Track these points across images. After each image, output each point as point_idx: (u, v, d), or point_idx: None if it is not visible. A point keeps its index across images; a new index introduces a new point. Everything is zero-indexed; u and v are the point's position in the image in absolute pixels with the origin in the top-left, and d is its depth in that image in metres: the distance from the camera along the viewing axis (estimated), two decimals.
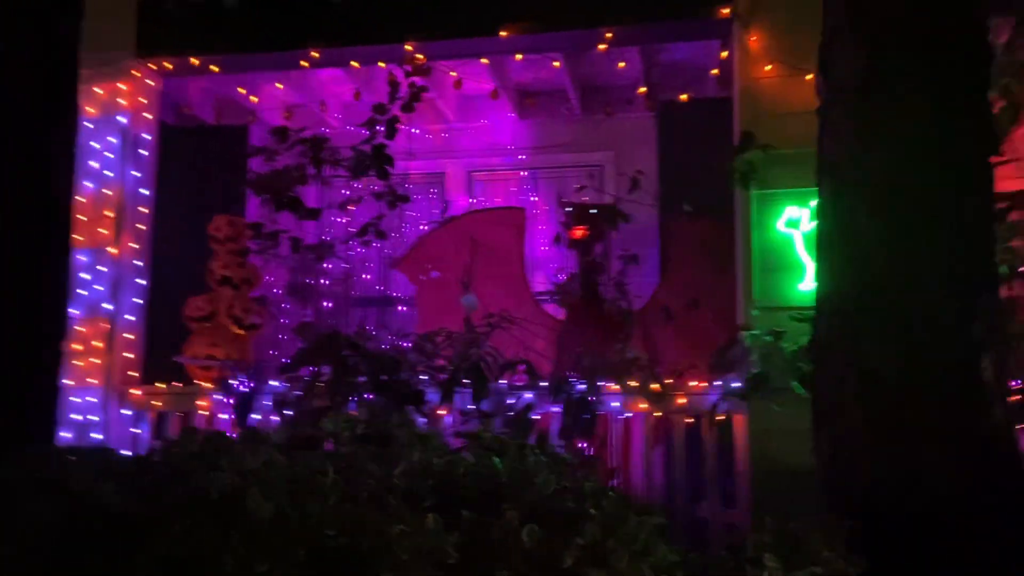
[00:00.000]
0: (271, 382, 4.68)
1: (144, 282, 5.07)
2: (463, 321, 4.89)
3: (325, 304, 6.24)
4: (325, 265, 5.93)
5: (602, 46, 4.58)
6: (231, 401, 4.69)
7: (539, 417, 3.93)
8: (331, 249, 5.00)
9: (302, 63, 4.85)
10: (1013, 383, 3.17)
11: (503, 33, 4.57)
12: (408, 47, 4.74)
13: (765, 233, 4.29)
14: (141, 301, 5.06)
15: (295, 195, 4.50)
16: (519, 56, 4.70)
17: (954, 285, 2.31)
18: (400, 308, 6.17)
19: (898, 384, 2.33)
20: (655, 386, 4.19)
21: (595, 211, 5.14)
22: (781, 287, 4.22)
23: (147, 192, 5.15)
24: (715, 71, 5.56)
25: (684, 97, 5.50)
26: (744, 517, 4.06)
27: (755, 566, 1.76)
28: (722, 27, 4.49)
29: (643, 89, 5.78)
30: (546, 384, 4.18)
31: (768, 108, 4.36)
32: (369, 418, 2.18)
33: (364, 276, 5.96)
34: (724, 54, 4.50)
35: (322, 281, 6.20)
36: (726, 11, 4.41)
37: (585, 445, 4.16)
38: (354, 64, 4.88)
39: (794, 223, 4.25)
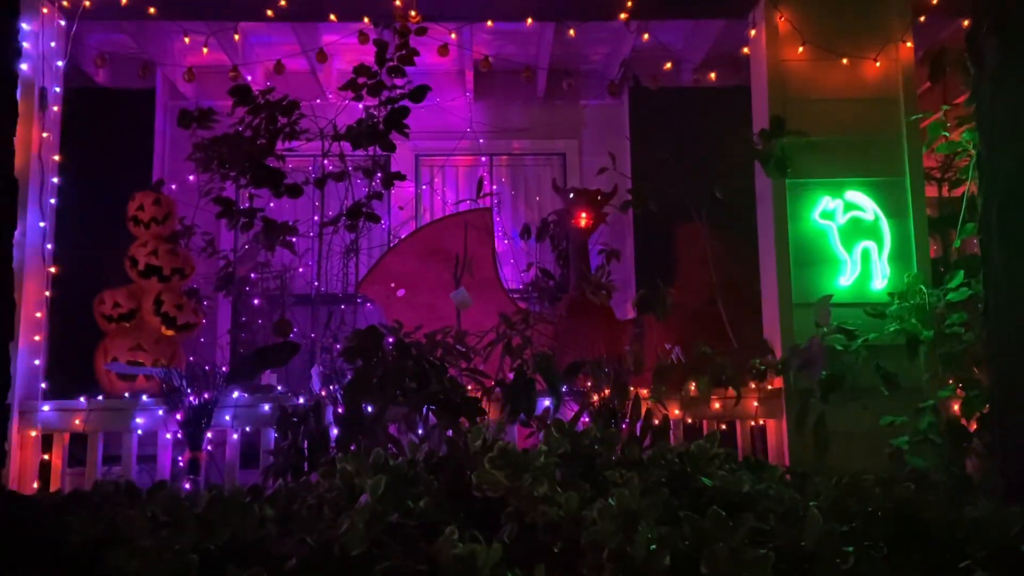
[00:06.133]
0: (236, 392, 3.88)
1: (54, 270, 4.05)
2: (455, 320, 4.31)
3: (255, 301, 5.37)
4: (262, 257, 5.10)
5: (623, 15, 4.15)
6: (179, 417, 3.82)
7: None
8: (294, 231, 4.22)
9: (267, 12, 4.04)
10: None
11: None
12: (398, 2, 4.09)
13: (800, 225, 4.04)
14: (48, 294, 4.03)
15: (274, 168, 3.69)
16: (530, 20, 4.16)
17: None
18: (342, 307, 5.39)
19: None
20: (693, 390, 3.81)
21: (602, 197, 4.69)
22: (819, 282, 3.99)
23: (57, 158, 4.13)
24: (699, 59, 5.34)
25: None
26: None
27: None
28: (748, 4, 4.21)
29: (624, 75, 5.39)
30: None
31: (798, 93, 4.12)
32: None
33: (305, 268, 5.14)
34: (752, 32, 4.21)
35: (252, 275, 5.34)
36: None
37: None
38: (332, 18, 4.12)
39: (829, 214, 4.04)
